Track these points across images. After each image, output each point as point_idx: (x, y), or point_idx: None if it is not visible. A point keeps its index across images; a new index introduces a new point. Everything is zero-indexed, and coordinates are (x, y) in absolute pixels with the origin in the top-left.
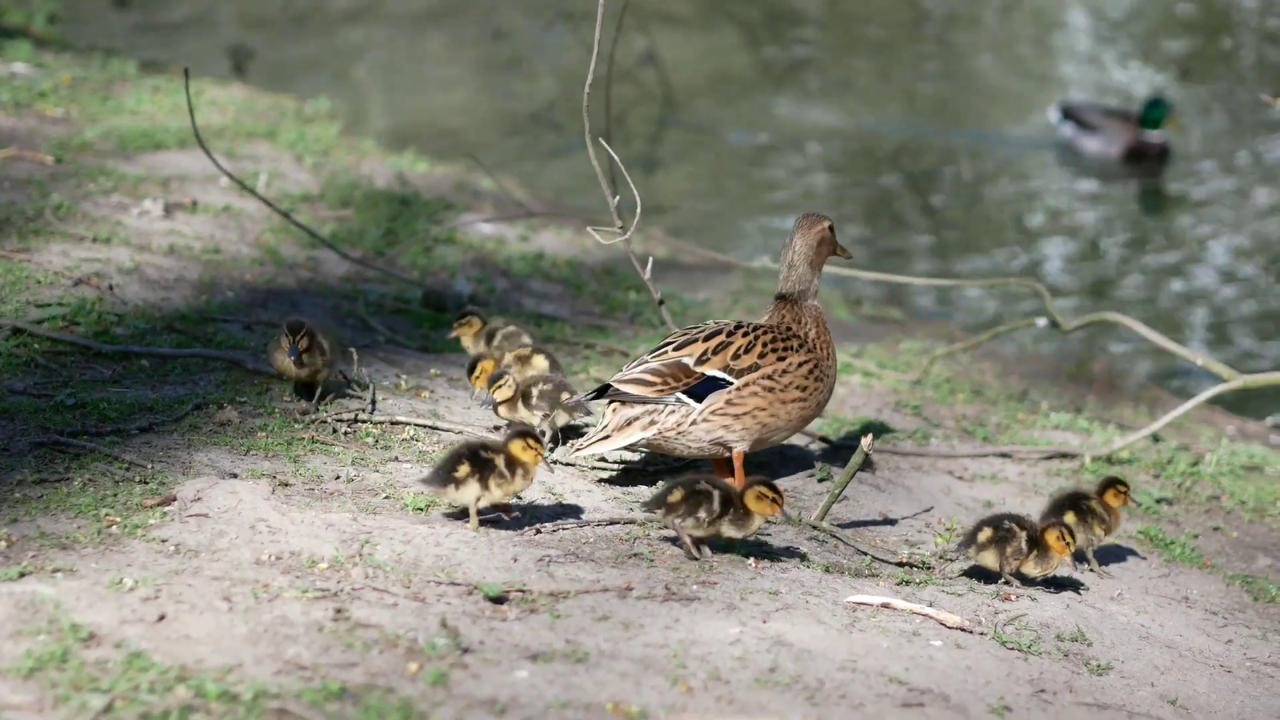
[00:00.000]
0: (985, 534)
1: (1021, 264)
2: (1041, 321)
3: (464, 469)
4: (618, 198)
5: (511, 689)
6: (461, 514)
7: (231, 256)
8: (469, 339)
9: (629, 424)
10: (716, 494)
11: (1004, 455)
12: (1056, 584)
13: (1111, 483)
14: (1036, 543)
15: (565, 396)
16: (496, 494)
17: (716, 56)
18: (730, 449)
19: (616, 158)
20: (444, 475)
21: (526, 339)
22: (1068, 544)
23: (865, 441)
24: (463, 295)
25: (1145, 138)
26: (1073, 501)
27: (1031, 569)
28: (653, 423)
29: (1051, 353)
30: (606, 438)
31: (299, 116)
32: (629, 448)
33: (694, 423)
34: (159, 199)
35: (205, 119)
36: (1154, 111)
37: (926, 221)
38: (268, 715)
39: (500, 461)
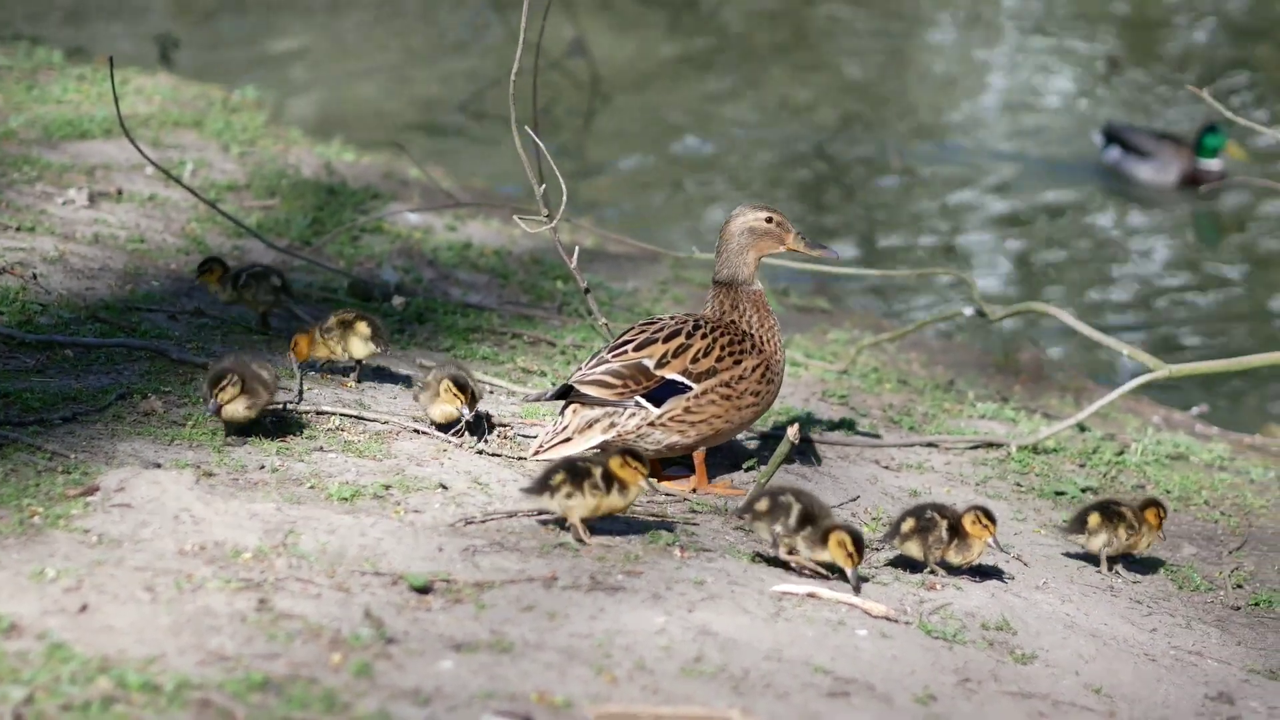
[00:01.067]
0: (909, 524)
1: (1091, 301)
2: (969, 311)
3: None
4: (544, 187)
5: (436, 679)
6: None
7: (157, 246)
8: (214, 285)
9: (589, 426)
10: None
11: (930, 445)
12: (982, 573)
13: (1154, 502)
14: (957, 530)
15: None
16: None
17: (646, 45)
18: (685, 449)
19: (543, 147)
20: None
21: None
22: (985, 526)
23: (791, 431)
24: (389, 285)
25: (1202, 165)
26: (1102, 504)
27: (954, 557)
28: (613, 425)
29: (980, 343)
30: (568, 440)
31: (225, 105)
32: (590, 450)
33: (652, 425)
34: (84, 188)
35: (131, 108)
36: (1212, 139)
37: (857, 210)
38: (190, 706)
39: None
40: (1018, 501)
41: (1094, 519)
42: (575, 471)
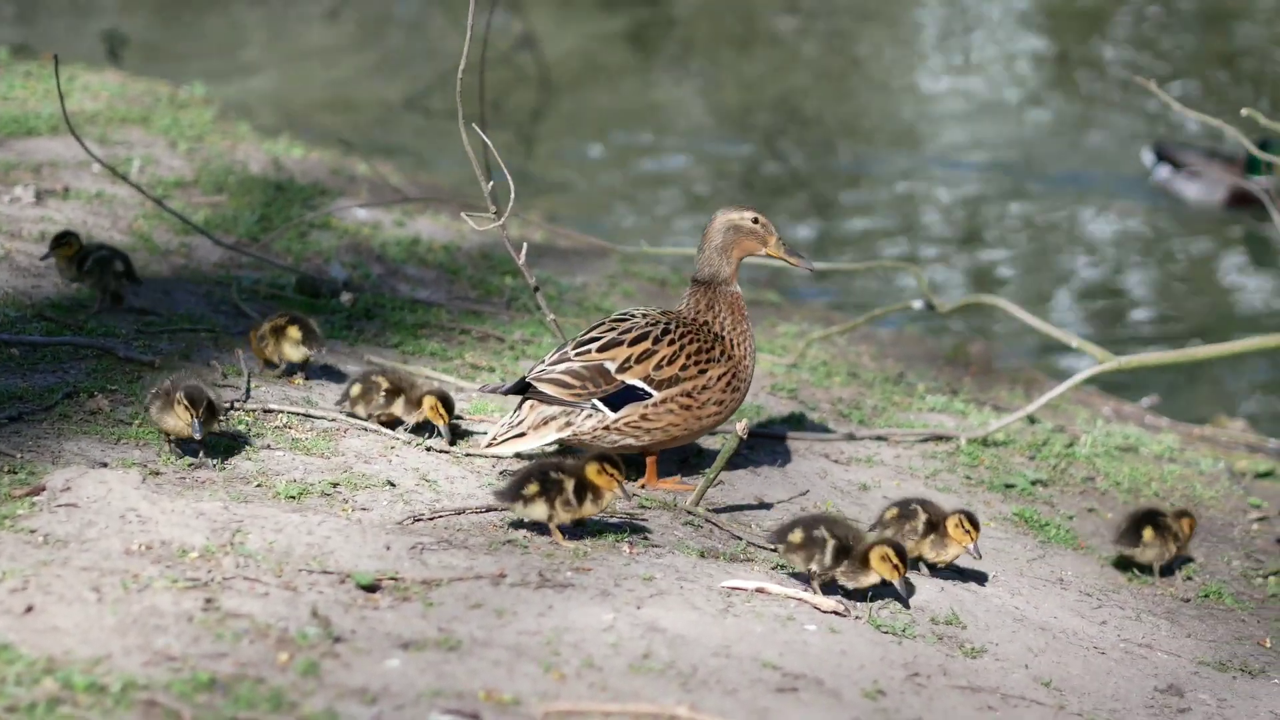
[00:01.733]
0: (891, 512)
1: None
2: (918, 303)
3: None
4: (491, 183)
5: (383, 678)
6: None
7: (103, 243)
8: (62, 262)
9: (545, 423)
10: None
11: (880, 438)
12: (931, 566)
13: (1186, 513)
14: (936, 527)
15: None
16: (564, 516)
17: (595, 38)
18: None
19: (490, 143)
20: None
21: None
22: (967, 532)
23: (740, 426)
24: (337, 281)
25: (1252, 182)
26: (1151, 517)
27: (929, 552)
28: (569, 424)
29: (929, 336)
30: (522, 435)
31: (173, 102)
32: (544, 447)
33: (607, 429)
34: (30, 185)
35: (78, 105)
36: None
37: (808, 202)
38: (136, 707)
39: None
40: (967, 494)
41: (1149, 533)
42: (548, 481)
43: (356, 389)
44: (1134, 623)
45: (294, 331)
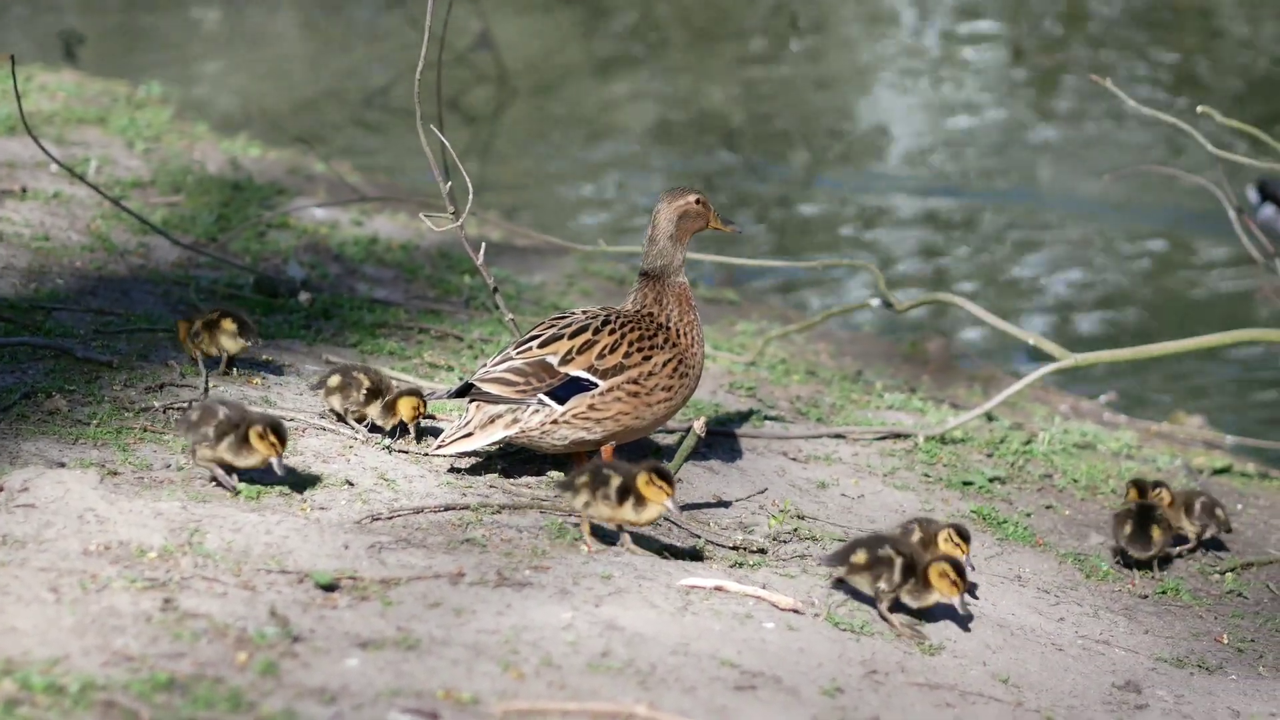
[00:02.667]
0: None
1: None
2: (875, 302)
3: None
4: (449, 183)
5: (342, 677)
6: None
7: (61, 244)
8: None
9: (492, 421)
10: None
11: (838, 436)
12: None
13: (1160, 484)
14: (927, 545)
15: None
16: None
17: (553, 37)
18: (594, 445)
19: (447, 143)
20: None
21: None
22: (957, 545)
23: (697, 424)
24: (295, 280)
25: None
26: (1148, 513)
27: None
28: (515, 420)
29: (887, 334)
30: (469, 435)
31: (131, 102)
32: (492, 445)
33: (556, 423)
34: None
35: (35, 105)
36: None
37: (767, 201)
38: (95, 707)
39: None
40: (925, 492)
41: (1156, 532)
42: (598, 477)
43: (336, 380)
44: (1091, 619)
45: (228, 324)
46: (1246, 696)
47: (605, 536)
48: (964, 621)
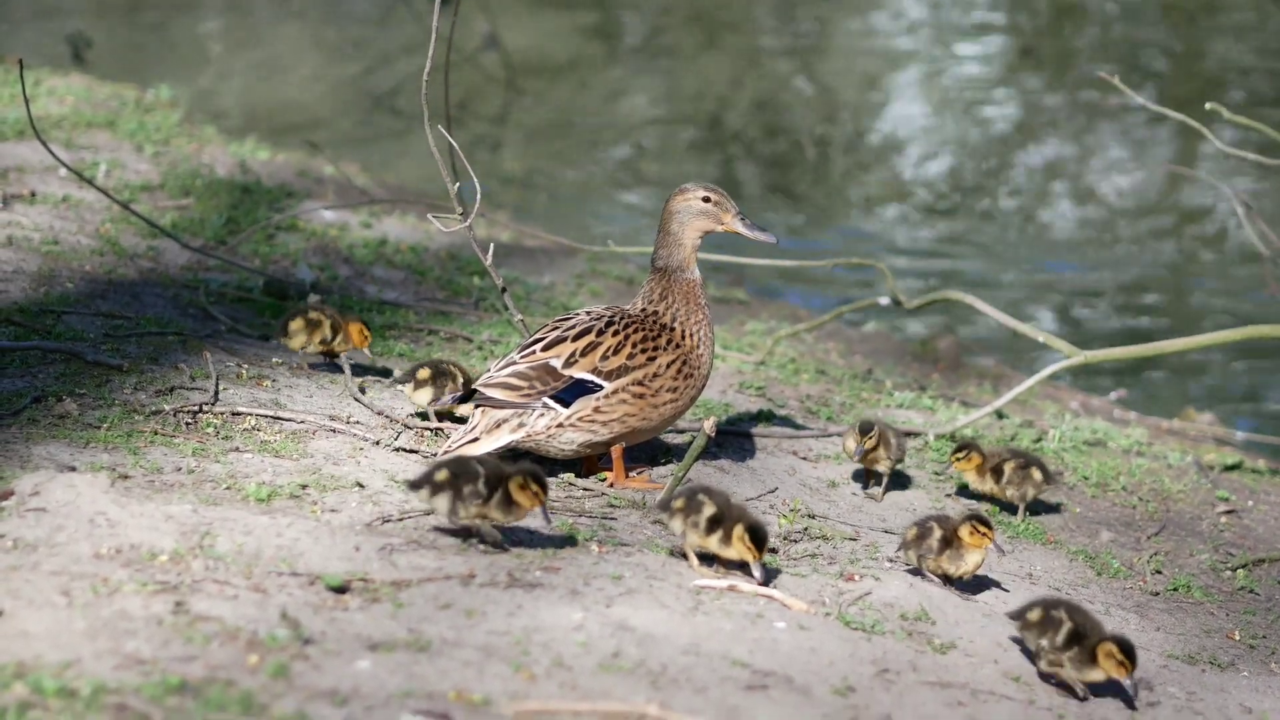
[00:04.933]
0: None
1: None
2: (885, 300)
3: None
4: (458, 184)
5: (353, 679)
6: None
7: (71, 248)
8: None
9: (498, 426)
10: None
11: None
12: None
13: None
14: (950, 541)
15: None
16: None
17: (560, 36)
18: (603, 447)
19: (455, 145)
20: None
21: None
22: (984, 534)
23: (707, 424)
24: (305, 283)
25: None
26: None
27: (950, 567)
28: (521, 425)
29: (897, 332)
30: (475, 440)
31: (139, 105)
32: (498, 450)
33: (562, 426)
34: None
35: (44, 109)
36: None
37: (778, 199)
38: (106, 711)
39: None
40: (936, 490)
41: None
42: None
43: (425, 373)
44: (1103, 616)
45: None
46: (1259, 693)
47: (619, 537)
48: (1132, 702)
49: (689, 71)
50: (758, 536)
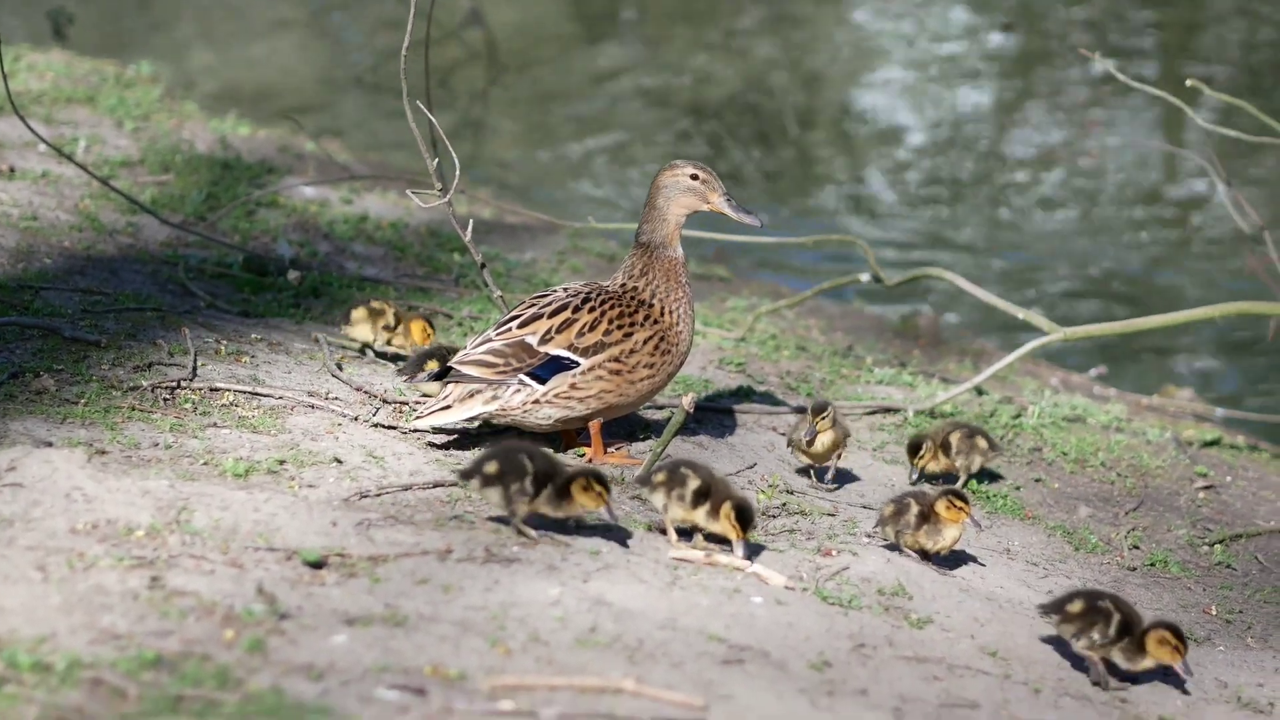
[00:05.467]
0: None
1: None
2: (865, 277)
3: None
4: (436, 160)
5: (329, 654)
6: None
7: (50, 223)
8: None
9: (471, 396)
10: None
11: None
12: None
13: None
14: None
15: None
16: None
17: (543, 12)
18: (580, 422)
19: (434, 120)
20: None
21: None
22: (960, 509)
23: (686, 400)
24: (284, 259)
25: None
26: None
27: (927, 542)
28: (495, 397)
29: (878, 309)
30: (448, 408)
31: (119, 81)
32: (471, 420)
33: (538, 403)
34: None
35: (23, 85)
36: None
37: (760, 177)
38: (82, 685)
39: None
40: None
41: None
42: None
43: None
44: None
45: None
46: (1234, 668)
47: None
48: (1184, 685)
49: (673, 50)
50: (744, 515)
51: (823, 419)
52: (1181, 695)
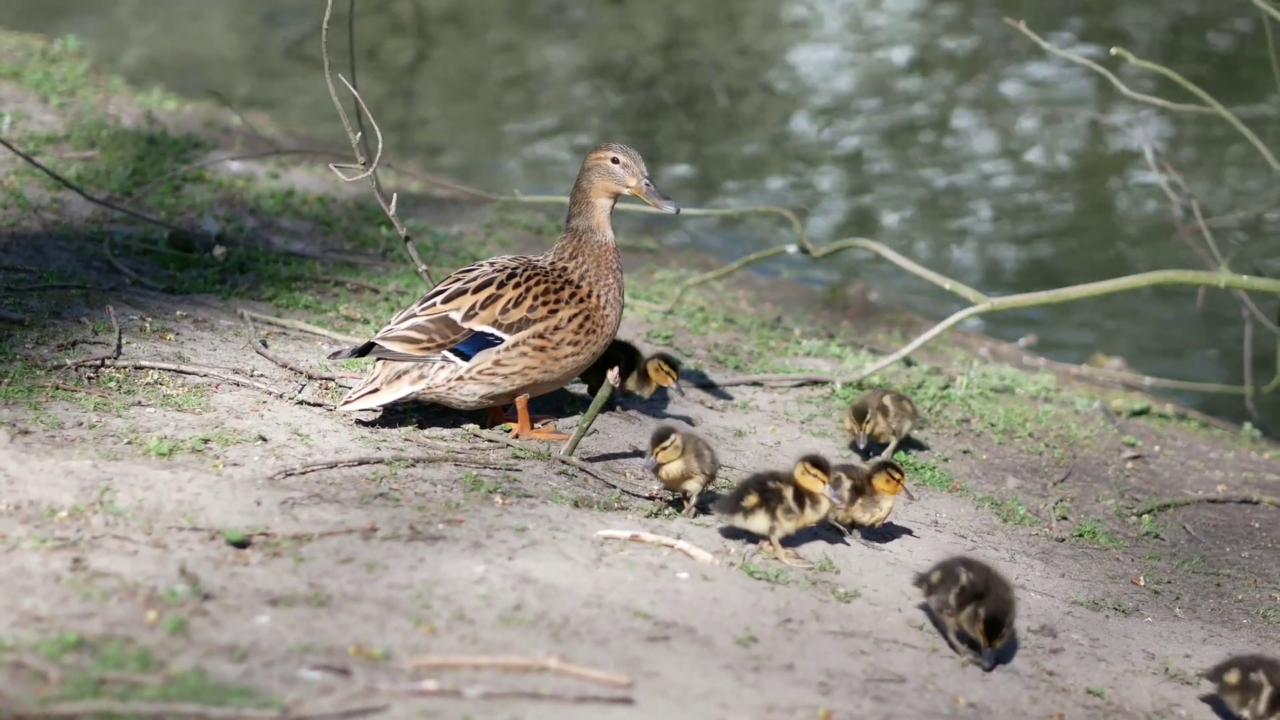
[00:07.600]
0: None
1: None
2: (792, 248)
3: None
4: (360, 134)
5: (253, 634)
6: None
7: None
8: None
9: (398, 377)
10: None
11: (755, 384)
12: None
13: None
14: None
15: None
16: (787, 526)
17: None
18: (505, 398)
19: (357, 93)
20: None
21: None
22: (895, 481)
23: (611, 374)
24: (210, 235)
25: None
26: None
27: (863, 515)
28: (422, 377)
29: (807, 280)
30: (375, 391)
31: (45, 56)
32: (399, 401)
33: (462, 379)
34: None
35: None
36: None
37: (686, 146)
38: (3, 668)
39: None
40: (842, 439)
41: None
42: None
43: None
44: (1008, 564)
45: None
46: (1161, 639)
47: (523, 489)
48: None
49: (604, 24)
50: (993, 626)
51: (663, 449)
52: (1108, 667)
